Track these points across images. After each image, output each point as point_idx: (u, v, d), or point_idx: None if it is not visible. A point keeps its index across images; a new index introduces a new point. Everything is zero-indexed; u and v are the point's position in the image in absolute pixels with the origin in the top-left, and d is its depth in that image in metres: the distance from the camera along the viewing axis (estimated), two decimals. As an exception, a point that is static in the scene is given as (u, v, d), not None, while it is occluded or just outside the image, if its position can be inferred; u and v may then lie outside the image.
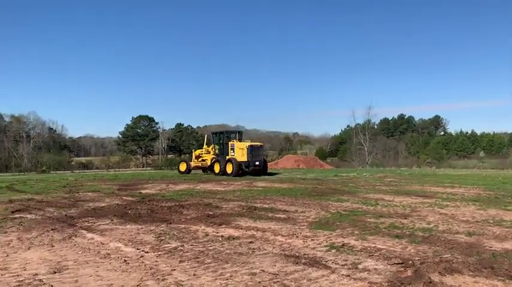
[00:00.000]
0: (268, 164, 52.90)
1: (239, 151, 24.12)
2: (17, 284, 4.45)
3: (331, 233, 6.88)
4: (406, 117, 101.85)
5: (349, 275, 4.59)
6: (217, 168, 24.45)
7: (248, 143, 24.82)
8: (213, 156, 26.19)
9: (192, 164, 27.03)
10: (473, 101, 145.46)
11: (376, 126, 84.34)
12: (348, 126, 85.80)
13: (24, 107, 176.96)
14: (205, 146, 27.61)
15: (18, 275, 4.76)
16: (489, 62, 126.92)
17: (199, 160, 27.14)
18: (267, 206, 10.38)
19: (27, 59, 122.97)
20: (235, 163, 23.39)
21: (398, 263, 5.03)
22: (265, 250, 5.84)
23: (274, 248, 5.94)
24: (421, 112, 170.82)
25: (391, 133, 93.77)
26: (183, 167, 27.05)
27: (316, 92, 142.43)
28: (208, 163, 26.21)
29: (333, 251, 5.70)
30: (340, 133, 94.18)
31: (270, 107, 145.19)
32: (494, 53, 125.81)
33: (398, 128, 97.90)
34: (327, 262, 5.16)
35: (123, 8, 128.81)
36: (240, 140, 25.80)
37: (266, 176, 23.57)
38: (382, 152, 66.51)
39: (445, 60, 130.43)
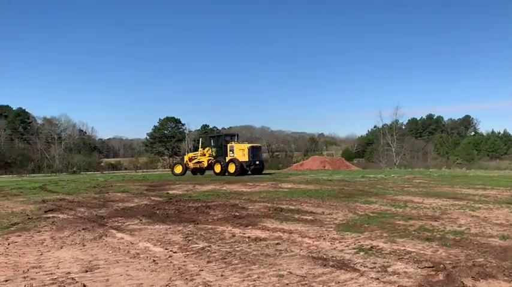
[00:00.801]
0: (294, 165, 53.23)
1: (239, 152, 25.99)
2: (51, 282, 4.58)
3: (359, 236, 6.80)
4: (434, 118, 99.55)
5: (378, 279, 4.52)
6: (218, 168, 26.00)
7: (249, 145, 26.89)
8: (209, 158, 27.66)
9: (191, 165, 28.04)
10: (506, 100, 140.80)
11: (403, 127, 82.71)
12: (374, 126, 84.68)
13: (56, 110, 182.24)
14: (200, 149, 28.68)
15: (52, 274, 4.90)
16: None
17: (193, 162, 28.14)
18: (293, 207, 10.34)
19: (59, 63, 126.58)
20: (238, 163, 25.30)
21: (429, 267, 4.92)
22: (292, 251, 5.82)
23: (301, 250, 5.90)
24: (450, 112, 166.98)
25: (420, 134, 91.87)
26: (178, 169, 27.99)
27: (342, 92, 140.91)
28: (205, 164, 27.69)
29: (362, 253, 5.63)
30: (366, 134, 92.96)
31: (295, 107, 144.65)
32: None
33: (427, 129, 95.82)
34: (355, 264, 5.10)
35: (155, 9, 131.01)
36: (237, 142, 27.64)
37: (289, 177, 23.56)
38: (410, 153, 65.22)
39: (475, 59, 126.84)
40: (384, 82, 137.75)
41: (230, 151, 26.27)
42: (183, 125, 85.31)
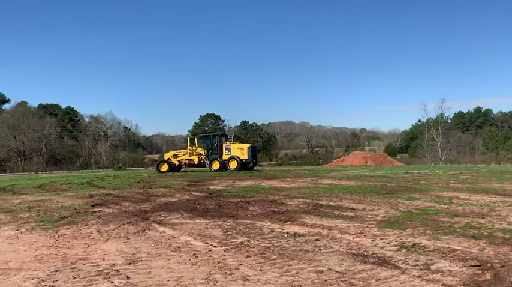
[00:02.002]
0: (334, 161, 52.73)
1: (238, 151, 28.29)
2: (97, 273, 4.77)
3: (401, 233, 6.62)
4: (483, 111, 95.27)
5: (420, 276, 4.39)
6: (216, 165, 28.02)
7: (249, 145, 29.70)
8: (198, 155, 29.50)
9: (176, 162, 29.19)
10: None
11: (449, 121, 79.74)
12: (419, 121, 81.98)
13: (102, 108, 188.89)
14: (189, 147, 30.04)
15: (97, 265, 5.10)
16: None
17: (178, 159, 29.34)
18: (333, 203, 10.22)
19: (104, 63, 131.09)
20: (239, 160, 27.79)
21: (476, 266, 4.72)
22: (332, 248, 5.75)
23: (341, 246, 5.83)
24: (500, 105, 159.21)
25: (467, 128, 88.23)
26: (164, 167, 28.77)
27: (384, 86, 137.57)
28: (196, 161, 29.55)
29: (403, 250, 5.48)
30: (410, 128, 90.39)
31: (335, 102, 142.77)
32: None
33: (474, 122, 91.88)
34: (396, 261, 4.98)
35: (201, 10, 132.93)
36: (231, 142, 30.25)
37: (336, 174, 23.29)
38: (456, 148, 62.76)
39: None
40: (429, 75, 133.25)
41: (226, 149, 28.48)
42: (223, 121, 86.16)
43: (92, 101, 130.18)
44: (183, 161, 29.51)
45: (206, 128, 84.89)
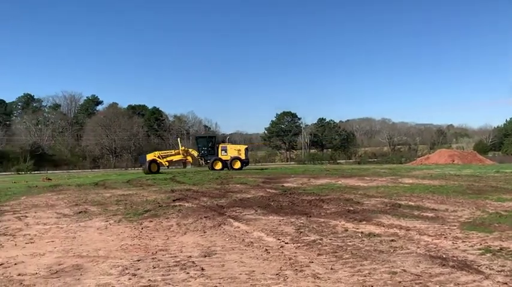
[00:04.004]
0: (418, 159, 50.41)
1: (234, 152, 29.70)
2: (174, 264, 5.05)
3: (487, 236, 6.16)
4: None
5: (506, 283, 4.06)
6: (218, 165, 28.97)
7: (245, 146, 32.31)
8: (192, 156, 30.65)
9: (164, 162, 29.35)
10: None
11: (551, 115, 72.14)
12: (514, 115, 75.33)
13: (185, 108, 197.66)
14: (181, 147, 30.69)
15: (175, 256, 5.39)
16: None
17: (167, 159, 29.59)
18: (413, 203, 9.77)
19: (192, 67, 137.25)
20: (241, 160, 29.29)
21: None
22: (408, 249, 5.52)
23: (418, 248, 5.57)
24: None
25: None
26: (154, 168, 28.71)
27: (475, 79, 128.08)
28: (191, 161, 31.40)
29: (488, 255, 5.10)
30: (504, 124, 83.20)
31: (420, 97, 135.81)
32: None
33: None
34: (479, 266, 4.65)
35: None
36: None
37: (417, 173, 22.26)
38: (559, 145, 56.67)
39: None
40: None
41: (222, 150, 29.63)
42: (299, 119, 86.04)
43: (176, 101, 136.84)
44: (173, 161, 30.41)
45: (282, 126, 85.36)
